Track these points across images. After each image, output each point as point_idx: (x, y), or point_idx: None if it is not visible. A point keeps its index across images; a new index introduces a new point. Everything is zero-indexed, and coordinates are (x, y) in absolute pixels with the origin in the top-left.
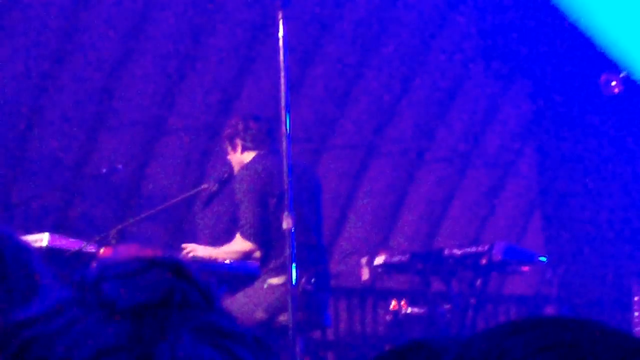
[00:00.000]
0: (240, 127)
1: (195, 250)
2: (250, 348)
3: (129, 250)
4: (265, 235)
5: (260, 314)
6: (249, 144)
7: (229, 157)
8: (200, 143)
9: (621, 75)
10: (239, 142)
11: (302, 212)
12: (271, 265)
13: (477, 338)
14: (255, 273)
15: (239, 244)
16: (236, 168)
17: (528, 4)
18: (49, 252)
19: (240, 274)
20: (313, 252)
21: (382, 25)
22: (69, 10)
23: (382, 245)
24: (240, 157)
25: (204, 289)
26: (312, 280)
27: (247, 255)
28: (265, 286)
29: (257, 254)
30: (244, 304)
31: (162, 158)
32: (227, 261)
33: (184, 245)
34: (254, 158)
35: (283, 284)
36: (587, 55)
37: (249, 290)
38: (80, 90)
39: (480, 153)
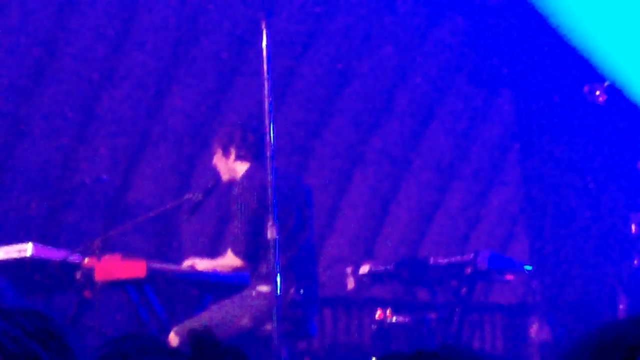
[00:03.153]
0: (238, 136)
1: (196, 264)
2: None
3: (112, 260)
4: (257, 250)
5: (245, 321)
6: (243, 154)
7: (216, 161)
8: (184, 153)
9: (605, 84)
10: (233, 150)
11: (293, 222)
12: (262, 273)
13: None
14: (246, 282)
15: (231, 260)
16: (223, 174)
17: (511, 14)
18: (33, 262)
19: (232, 283)
20: (304, 263)
21: (366, 37)
22: (52, 21)
23: (367, 254)
24: (232, 165)
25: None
26: (301, 291)
27: (238, 270)
28: (253, 293)
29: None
30: (231, 310)
31: (147, 168)
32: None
33: (185, 263)
34: (249, 171)
35: (271, 292)
36: (571, 65)
37: (237, 297)
38: (64, 100)
39: (465, 162)
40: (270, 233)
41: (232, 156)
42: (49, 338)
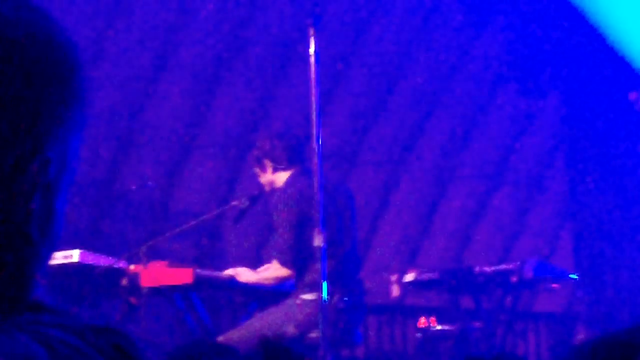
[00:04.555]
0: (267, 147)
1: (238, 275)
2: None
3: (159, 267)
4: (302, 258)
5: (291, 329)
6: (278, 165)
7: (259, 179)
8: (229, 159)
9: None
10: (268, 162)
11: (336, 230)
12: (305, 281)
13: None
14: (290, 291)
15: (277, 271)
16: (267, 188)
17: (558, 21)
18: (80, 268)
19: (275, 291)
20: (348, 270)
21: (412, 43)
22: (97, 29)
23: (411, 261)
24: (272, 177)
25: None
26: (345, 298)
27: (284, 280)
28: (298, 301)
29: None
30: (276, 319)
31: (192, 175)
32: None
33: (226, 272)
34: (287, 180)
35: (315, 300)
36: (618, 71)
37: (282, 305)
38: (111, 107)
39: (510, 169)
40: (317, 240)
41: (269, 169)
42: (121, 355)
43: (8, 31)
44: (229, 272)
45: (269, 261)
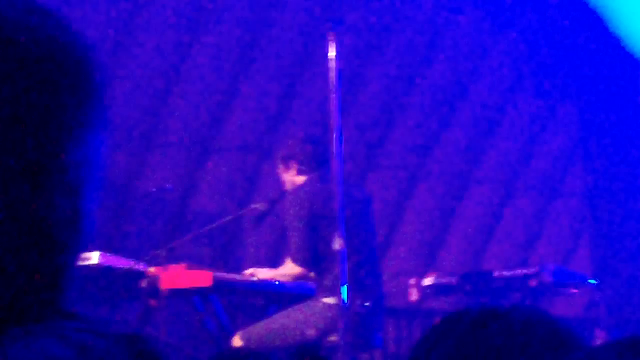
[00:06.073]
0: (298, 149)
1: (256, 273)
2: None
3: (178, 269)
4: (316, 258)
5: (311, 332)
6: (303, 167)
7: (281, 176)
8: (248, 162)
9: None
10: (294, 164)
11: (354, 233)
12: (326, 285)
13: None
14: (311, 293)
15: (290, 269)
16: (287, 186)
17: (577, 25)
18: (99, 270)
19: (297, 294)
20: (367, 274)
21: (429, 49)
22: (116, 31)
23: (429, 265)
24: (293, 179)
25: None
26: (366, 303)
27: (299, 278)
28: (319, 304)
29: (312, 274)
30: (297, 321)
31: (211, 177)
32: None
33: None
34: (303, 182)
35: (336, 304)
36: (636, 76)
37: (303, 307)
38: (129, 109)
39: (528, 174)
40: (337, 244)
41: (294, 170)
42: None
43: (18, 35)
44: (249, 271)
45: (284, 262)
